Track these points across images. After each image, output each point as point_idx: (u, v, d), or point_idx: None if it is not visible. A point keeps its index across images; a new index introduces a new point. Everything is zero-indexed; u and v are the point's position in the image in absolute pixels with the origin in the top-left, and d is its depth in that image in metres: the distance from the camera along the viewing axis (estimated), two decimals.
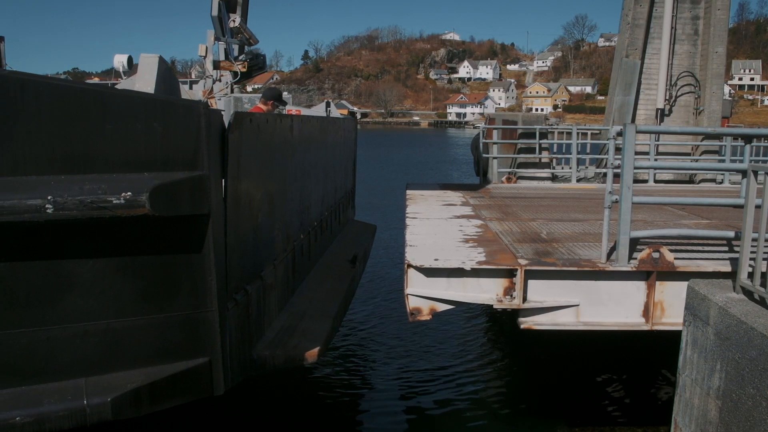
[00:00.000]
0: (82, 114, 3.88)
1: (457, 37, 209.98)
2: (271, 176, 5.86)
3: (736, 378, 4.25)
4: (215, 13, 9.60)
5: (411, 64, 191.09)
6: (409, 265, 5.45)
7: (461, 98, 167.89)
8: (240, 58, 10.40)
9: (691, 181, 14.07)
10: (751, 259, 4.68)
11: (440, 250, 5.94)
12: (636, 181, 5.67)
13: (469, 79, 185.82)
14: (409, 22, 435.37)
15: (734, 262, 5.16)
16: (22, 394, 3.91)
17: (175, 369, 4.37)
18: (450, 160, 50.00)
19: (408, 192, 10.48)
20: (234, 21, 10.06)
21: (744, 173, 5.13)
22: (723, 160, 13.40)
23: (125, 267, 4.15)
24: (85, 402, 3.98)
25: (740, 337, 4.22)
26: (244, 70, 10.33)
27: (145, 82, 6.88)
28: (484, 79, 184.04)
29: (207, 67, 9.81)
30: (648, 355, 8.49)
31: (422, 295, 5.48)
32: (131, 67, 8.19)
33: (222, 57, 10.01)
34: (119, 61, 8.13)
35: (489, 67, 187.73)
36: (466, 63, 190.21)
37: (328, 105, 12.43)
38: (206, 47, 9.91)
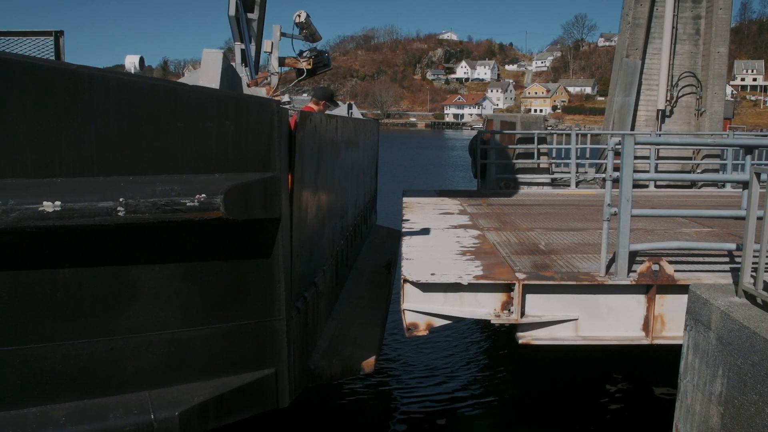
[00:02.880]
0: (152, 111, 3.69)
1: (454, 37, 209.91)
2: (324, 178, 5.70)
3: (738, 384, 4.18)
4: (232, 12, 9.26)
5: (408, 64, 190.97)
6: (406, 280, 5.35)
7: (459, 99, 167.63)
8: (305, 54, 10.05)
9: (692, 185, 14.04)
10: (753, 262, 4.65)
11: (437, 263, 5.83)
12: (636, 186, 5.59)
13: (467, 79, 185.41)
14: (405, 22, 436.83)
15: (735, 273, 5.08)
16: (87, 407, 3.74)
17: (242, 381, 4.21)
18: (447, 162, 49.83)
19: (404, 200, 10.33)
20: (300, 16, 9.73)
21: (746, 185, 5.08)
22: (725, 164, 13.36)
23: (192, 273, 3.96)
24: (152, 416, 3.79)
25: (742, 342, 4.15)
26: (310, 67, 9.95)
27: (209, 78, 6.52)
28: (482, 80, 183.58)
29: (273, 64, 9.47)
30: (649, 358, 8.44)
31: (419, 310, 5.39)
32: (143, 68, 7.97)
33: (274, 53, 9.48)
34: (131, 62, 7.85)
35: (487, 67, 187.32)
36: (463, 63, 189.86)
37: (350, 107, 12.28)
38: (272, 42, 9.55)
